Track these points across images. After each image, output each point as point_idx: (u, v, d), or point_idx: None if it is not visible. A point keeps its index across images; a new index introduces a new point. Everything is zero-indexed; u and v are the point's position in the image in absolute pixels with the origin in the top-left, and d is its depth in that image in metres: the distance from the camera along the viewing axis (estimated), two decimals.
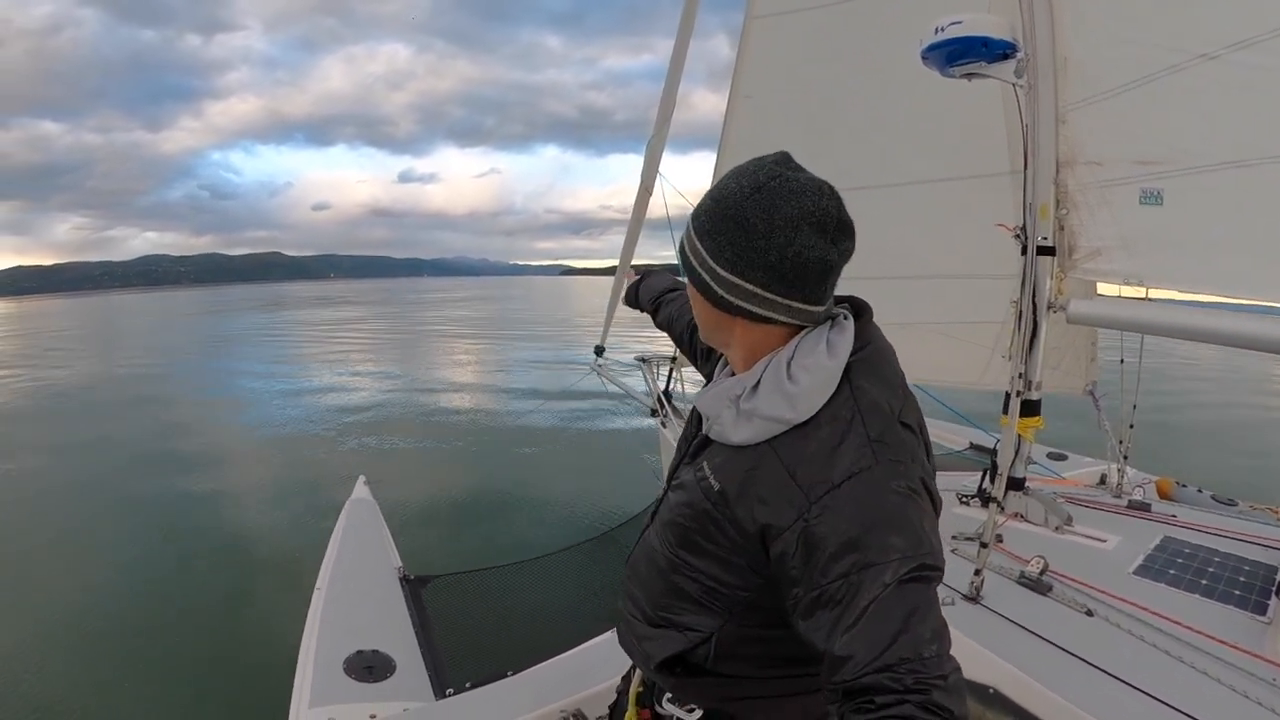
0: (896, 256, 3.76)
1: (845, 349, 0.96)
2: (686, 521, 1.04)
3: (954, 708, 0.78)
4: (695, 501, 1.03)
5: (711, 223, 0.94)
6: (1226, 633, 1.91)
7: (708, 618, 1.05)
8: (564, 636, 2.53)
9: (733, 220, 0.92)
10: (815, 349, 0.95)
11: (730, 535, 0.98)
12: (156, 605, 4.92)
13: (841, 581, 0.83)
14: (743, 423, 0.97)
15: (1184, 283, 2.45)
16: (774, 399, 0.94)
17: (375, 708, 2.20)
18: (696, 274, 0.98)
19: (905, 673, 0.78)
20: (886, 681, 0.78)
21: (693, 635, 1.06)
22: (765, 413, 0.95)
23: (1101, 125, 2.45)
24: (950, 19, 2.31)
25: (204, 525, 6.57)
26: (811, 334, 0.98)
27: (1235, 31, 1.96)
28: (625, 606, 1.21)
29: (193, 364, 20.37)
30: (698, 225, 0.97)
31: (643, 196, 4.65)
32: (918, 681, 0.78)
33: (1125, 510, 2.91)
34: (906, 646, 0.79)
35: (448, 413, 12.03)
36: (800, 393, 0.93)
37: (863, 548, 0.83)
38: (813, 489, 0.88)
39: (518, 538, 5.71)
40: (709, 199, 0.96)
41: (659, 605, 1.11)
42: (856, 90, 3.87)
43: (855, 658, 0.80)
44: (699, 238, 0.96)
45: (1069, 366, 3.56)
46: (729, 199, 0.93)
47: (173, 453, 9.42)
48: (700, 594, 1.05)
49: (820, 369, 0.93)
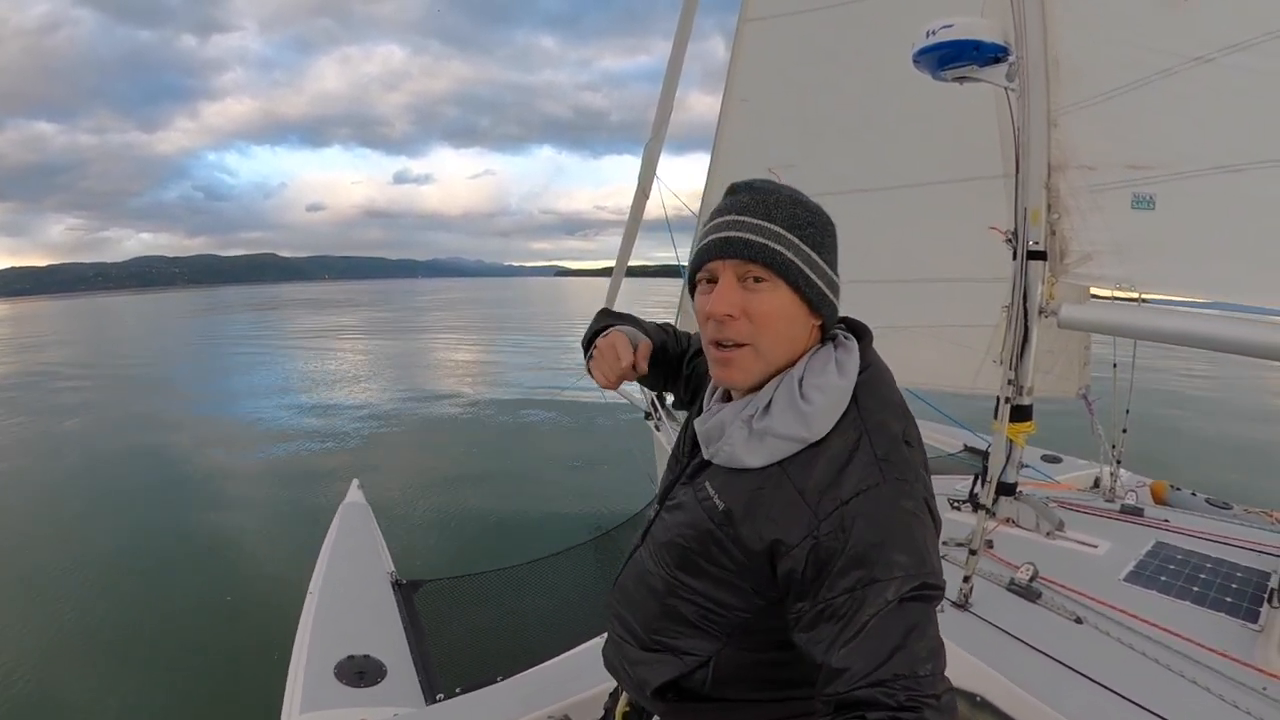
0: (888, 259, 3.76)
1: (854, 368, 0.98)
2: (687, 542, 1.03)
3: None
4: (697, 522, 1.02)
5: (820, 235, 1.00)
6: (1217, 641, 1.90)
7: (705, 641, 1.04)
8: (555, 641, 2.53)
9: (831, 233, 1.02)
10: (825, 368, 0.97)
11: (734, 556, 0.98)
12: (143, 609, 4.89)
13: (846, 596, 0.84)
14: (755, 444, 0.97)
15: (1176, 287, 2.45)
16: (788, 418, 0.95)
17: (366, 713, 2.20)
18: (814, 285, 0.98)
19: (899, 689, 0.79)
20: (880, 696, 0.79)
21: (690, 660, 1.05)
22: (780, 432, 0.95)
23: (1093, 129, 2.45)
24: (942, 23, 2.31)
25: (193, 528, 6.53)
26: (819, 353, 1.00)
27: (1229, 34, 1.96)
28: (613, 629, 1.19)
29: (185, 368, 20.29)
30: (808, 237, 0.98)
31: (640, 199, 4.65)
32: (911, 698, 0.78)
33: (1118, 515, 2.90)
34: (902, 663, 0.80)
35: (441, 415, 12.01)
36: (815, 412, 0.94)
37: (868, 564, 0.84)
38: (821, 506, 0.89)
39: (510, 542, 5.68)
40: (804, 211, 0.99)
41: (653, 629, 1.09)
42: (850, 93, 3.87)
43: (851, 670, 0.81)
44: (816, 249, 0.99)
45: (1062, 370, 3.56)
46: (821, 212, 1.02)
47: (158, 453, 9.43)
48: (697, 617, 1.04)
49: (833, 388, 0.95)
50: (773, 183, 1.02)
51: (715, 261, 0.98)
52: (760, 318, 0.97)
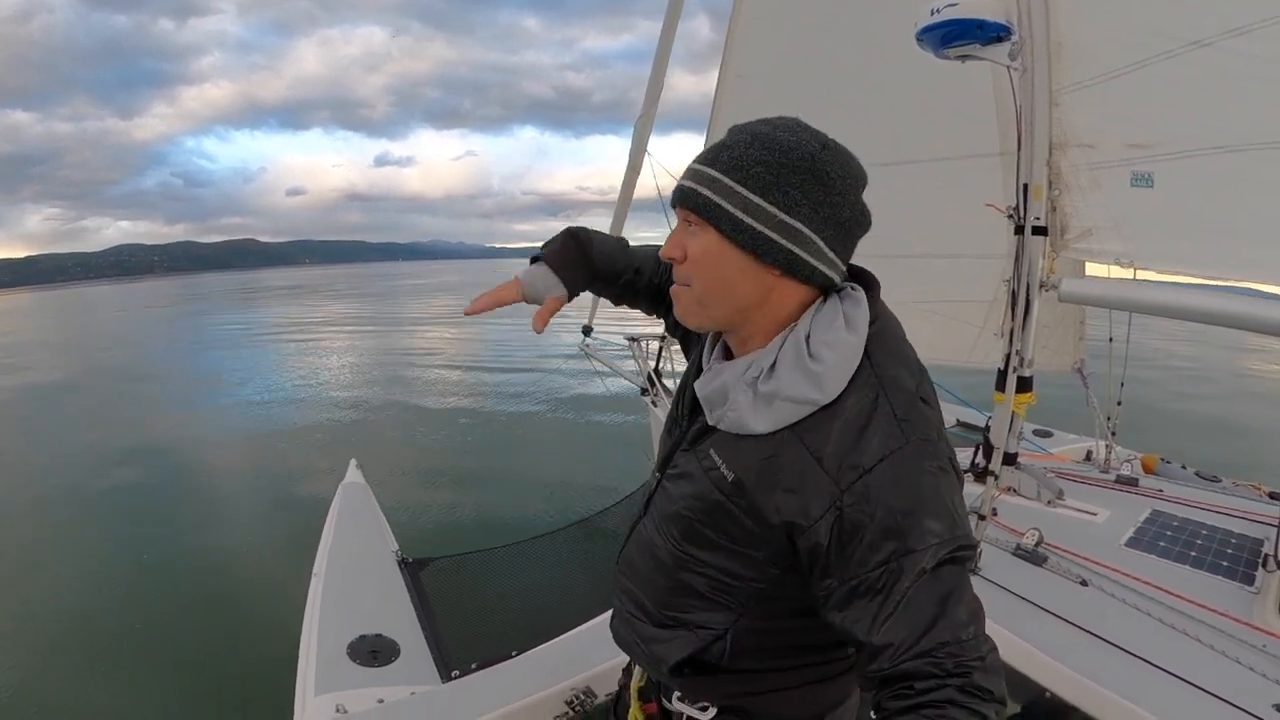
0: (885, 235, 3.76)
1: (864, 322, 0.90)
2: (693, 514, 0.98)
3: (993, 688, 0.78)
4: (704, 493, 0.96)
5: (776, 175, 0.88)
6: (1217, 601, 1.97)
7: (720, 613, 1.00)
8: (566, 615, 2.54)
9: (808, 173, 0.89)
10: (833, 323, 0.90)
11: (746, 527, 0.92)
12: (144, 603, 4.78)
13: (881, 570, 0.81)
14: (762, 407, 0.90)
15: (1173, 263, 2.50)
16: (796, 378, 0.87)
17: (382, 692, 2.19)
18: (750, 229, 0.89)
19: (944, 656, 0.78)
20: (926, 667, 0.78)
21: (705, 634, 1.00)
22: (789, 394, 0.88)
23: (1094, 109, 2.49)
24: (946, 1, 2.33)
25: (190, 517, 6.42)
26: (825, 307, 0.93)
27: (1229, 19, 1.99)
28: (622, 605, 1.14)
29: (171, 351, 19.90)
30: (749, 177, 0.89)
31: (630, 176, 4.65)
32: (958, 665, 0.77)
33: (1114, 485, 2.98)
34: (944, 630, 0.79)
35: (435, 395, 11.92)
36: (825, 371, 0.86)
37: (900, 534, 0.81)
38: (843, 475, 0.84)
39: (511, 520, 5.65)
40: (761, 150, 0.89)
41: (665, 604, 1.05)
42: (846, 69, 3.88)
43: (894, 645, 0.79)
44: (759, 192, 0.89)
45: (1058, 345, 3.63)
46: (797, 151, 0.89)
47: (147, 442, 9.26)
48: (710, 589, 0.99)
49: (844, 344, 0.88)
50: (761, 121, 0.94)
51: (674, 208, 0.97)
52: (693, 260, 0.93)
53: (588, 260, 1.21)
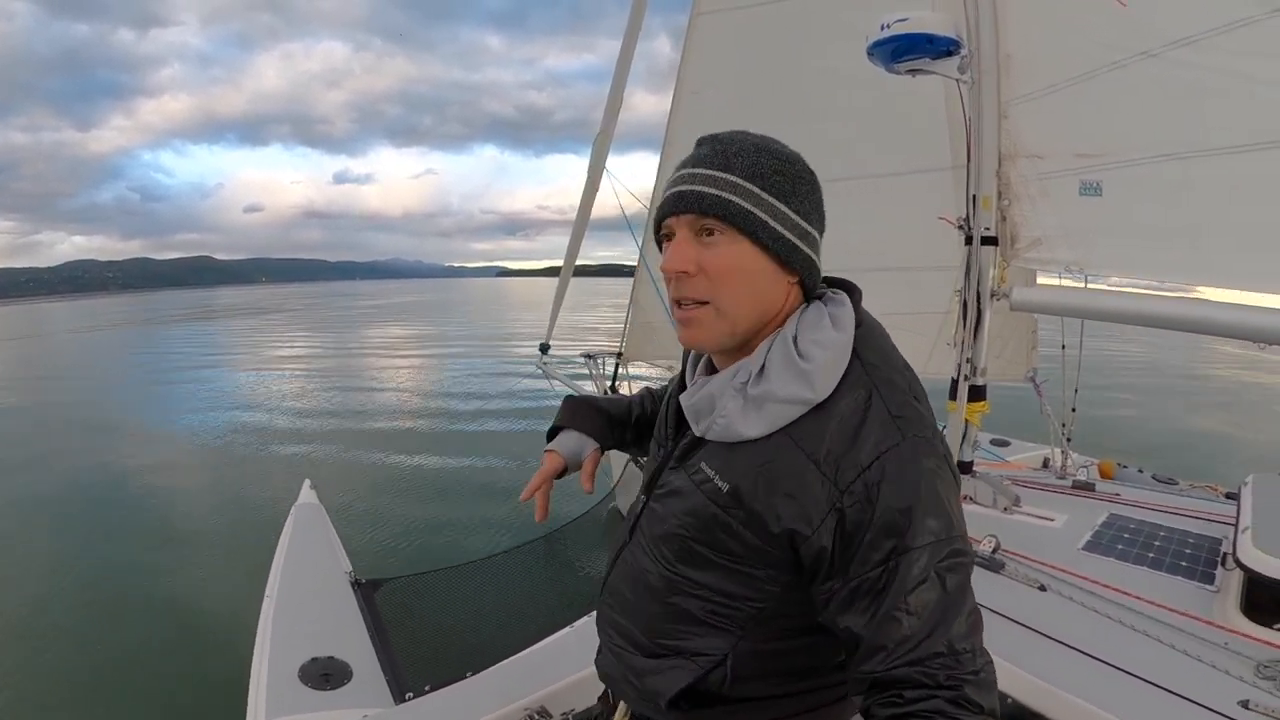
0: (839, 250, 3.80)
1: (849, 321, 0.91)
2: (688, 532, 0.94)
3: (984, 703, 0.76)
4: (698, 508, 0.93)
5: (790, 183, 0.91)
6: (1178, 601, 1.99)
7: (718, 638, 0.95)
8: (521, 634, 2.50)
9: (809, 180, 0.94)
10: (819, 323, 0.90)
11: (745, 540, 0.89)
12: (92, 627, 4.67)
13: (881, 569, 0.80)
14: (753, 411, 0.89)
15: (1122, 270, 2.56)
16: (787, 378, 0.87)
17: (334, 715, 2.14)
18: (780, 236, 0.89)
19: (938, 667, 0.76)
20: (917, 675, 0.76)
21: (704, 660, 0.95)
22: (780, 395, 0.87)
23: (1043, 120, 2.54)
24: (896, 16, 2.37)
25: (138, 534, 6.32)
26: (809, 311, 0.93)
27: (1176, 30, 2.04)
28: (609, 639, 1.08)
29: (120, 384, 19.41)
30: (771, 185, 0.90)
31: (589, 193, 4.66)
32: (950, 677, 0.76)
33: (1070, 490, 3.02)
34: (941, 640, 0.77)
35: (390, 416, 11.83)
36: (816, 369, 0.86)
37: (898, 532, 0.80)
38: (841, 476, 0.82)
39: (467, 540, 5.64)
40: (771, 158, 0.91)
41: (658, 632, 0.99)
42: (800, 86, 3.94)
43: (888, 648, 0.78)
44: (781, 198, 0.90)
45: (1011, 354, 3.69)
46: (798, 159, 0.94)
47: (100, 458, 9.04)
48: (706, 614, 0.95)
49: (833, 342, 0.88)
50: (742, 132, 0.95)
51: (671, 218, 0.92)
52: (717, 272, 0.89)
53: (595, 408, 1.28)
